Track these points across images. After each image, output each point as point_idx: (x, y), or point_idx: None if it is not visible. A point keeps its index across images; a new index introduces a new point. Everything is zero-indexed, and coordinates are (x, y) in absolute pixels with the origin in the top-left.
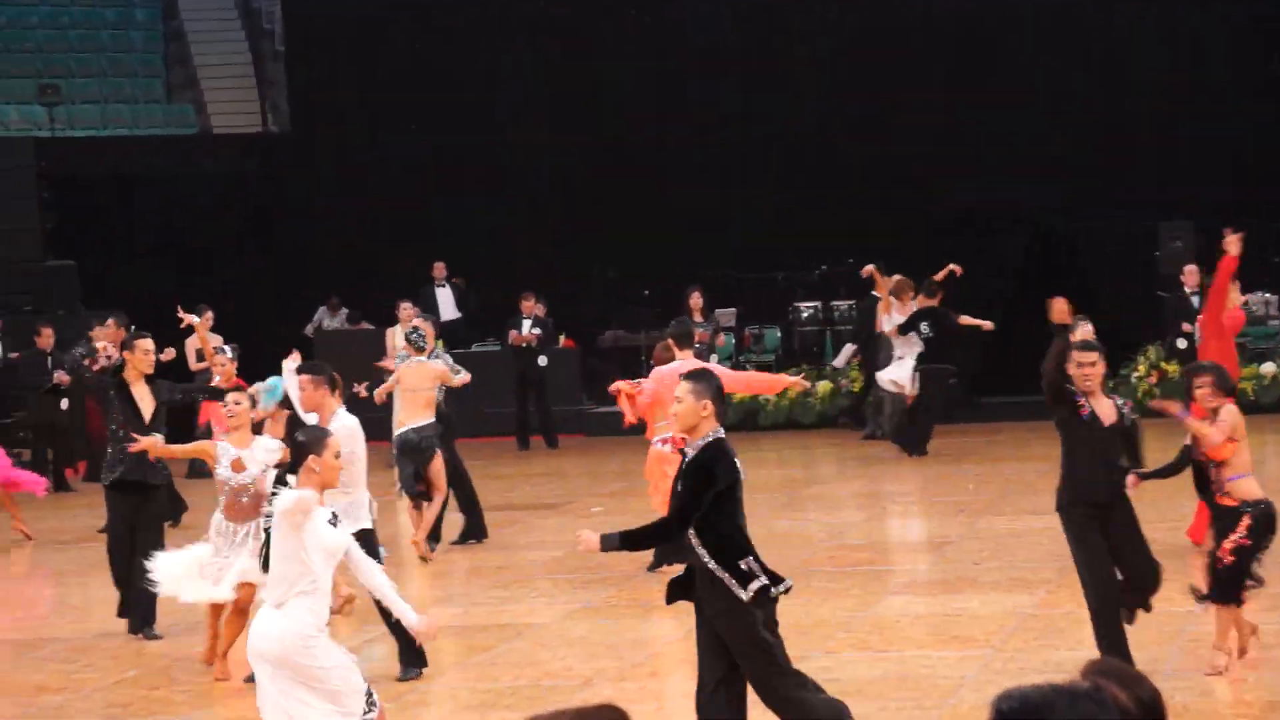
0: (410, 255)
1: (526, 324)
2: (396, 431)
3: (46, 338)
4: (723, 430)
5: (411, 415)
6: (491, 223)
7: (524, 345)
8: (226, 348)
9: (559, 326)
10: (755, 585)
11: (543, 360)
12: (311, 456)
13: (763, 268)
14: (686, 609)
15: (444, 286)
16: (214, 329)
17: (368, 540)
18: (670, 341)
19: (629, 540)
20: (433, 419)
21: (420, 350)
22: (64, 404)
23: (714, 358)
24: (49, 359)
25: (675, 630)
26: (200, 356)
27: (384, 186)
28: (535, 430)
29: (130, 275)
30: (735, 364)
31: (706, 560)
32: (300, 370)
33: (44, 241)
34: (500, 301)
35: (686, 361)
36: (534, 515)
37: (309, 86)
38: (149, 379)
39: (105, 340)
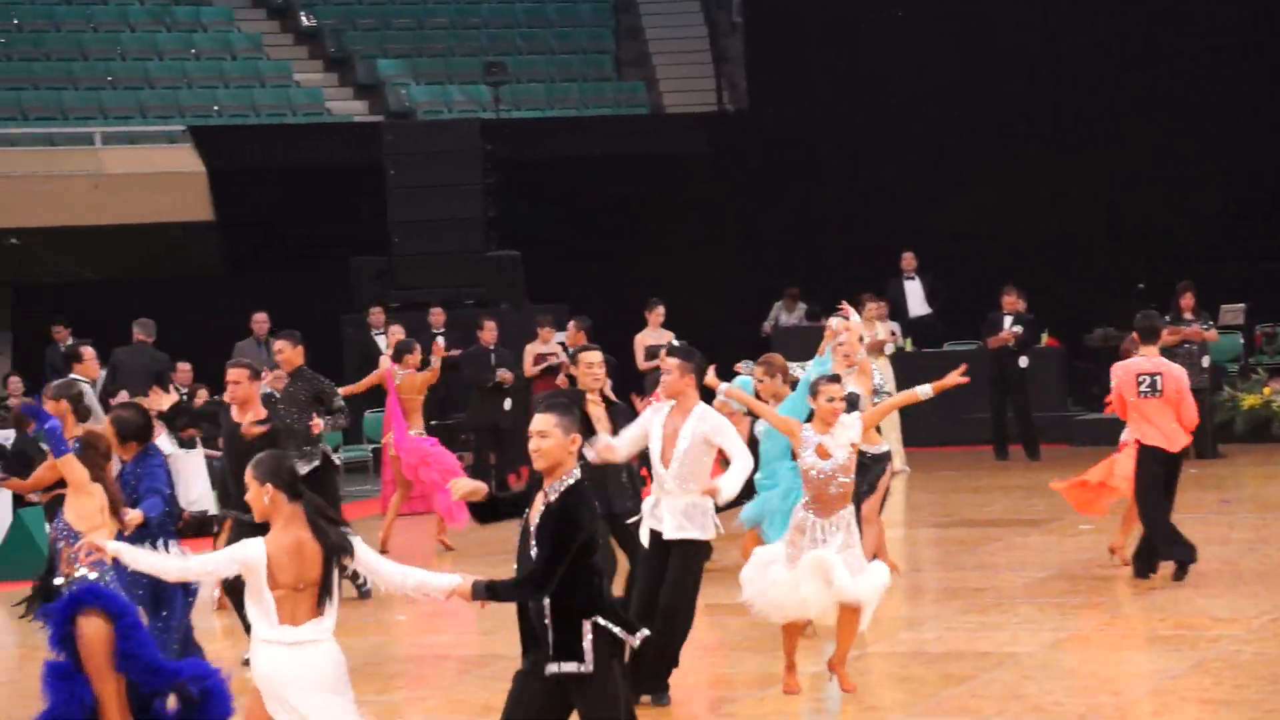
0: (877, 244)
1: (1007, 321)
2: None
3: (489, 332)
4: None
5: None
6: (967, 209)
7: (1003, 345)
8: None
9: (1042, 323)
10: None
11: (1023, 361)
12: None
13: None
14: (1198, 640)
15: (913, 279)
16: (664, 324)
17: None
18: (1135, 336)
19: (494, 592)
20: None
21: None
22: (507, 404)
23: (1205, 359)
24: (492, 355)
25: (1180, 663)
26: (649, 355)
27: (849, 171)
28: (1014, 438)
29: (575, 266)
30: (1244, 366)
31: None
32: (670, 352)
33: (487, 230)
34: (976, 295)
35: (1147, 359)
36: (1013, 532)
37: (769, 63)
38: (608, 402)
39: (569, 342)
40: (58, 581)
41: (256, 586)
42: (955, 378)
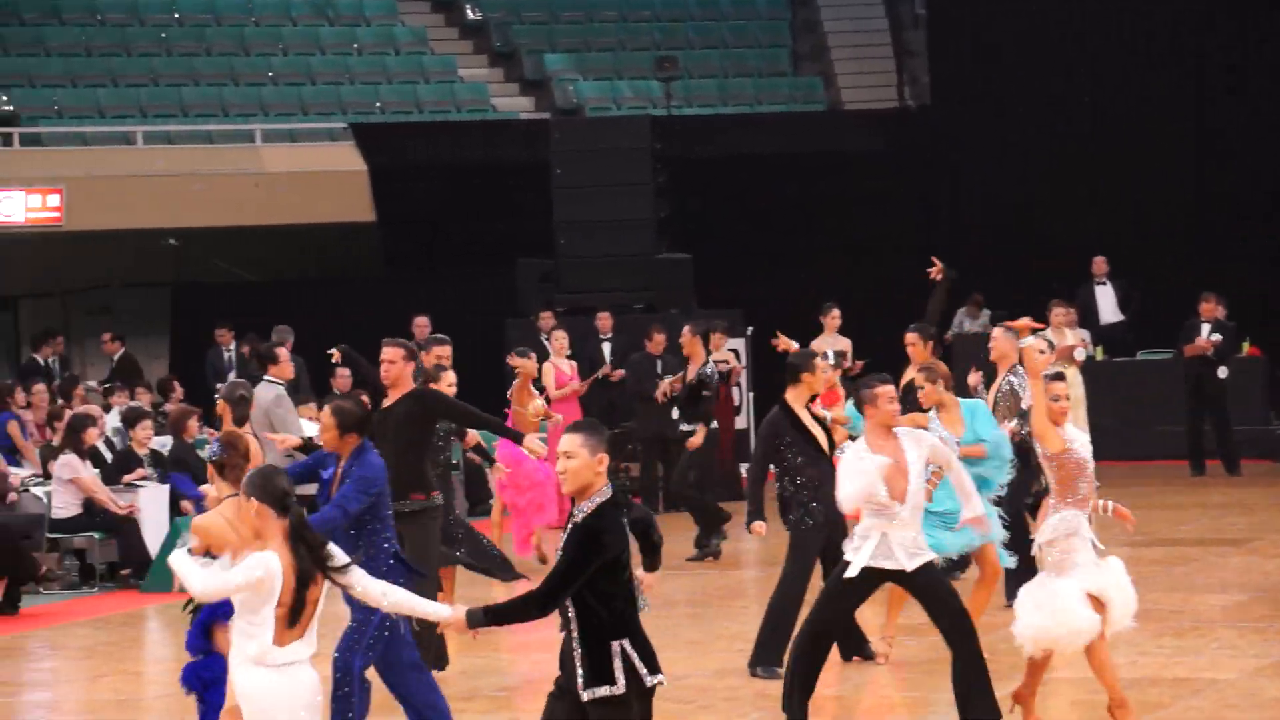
0: (1066, 248)
1: (1205, 328)
2: None
3: (658, 343)
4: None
5: None
6: (1163, 211)
7: (1200, 354)
8: (830, 351)
9: (1243, 331)
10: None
11: (1222, 371)
12: None
13: None
14: None
15: (1105, 284)
16: (839, 330)
17: None
18: None
19: (493, 616)
20: None
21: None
22: (675, 414)
23: None
24: (659, 363)
25: None
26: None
27: (1036, 170)
28: (1211, 453)
29: (748, 269)
30: None
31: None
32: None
33: (656, 231)
34: (1172, 302)
35: None
36: (1212, 553)
37: (954, 57)
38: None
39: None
40: None
41: (258, 603)
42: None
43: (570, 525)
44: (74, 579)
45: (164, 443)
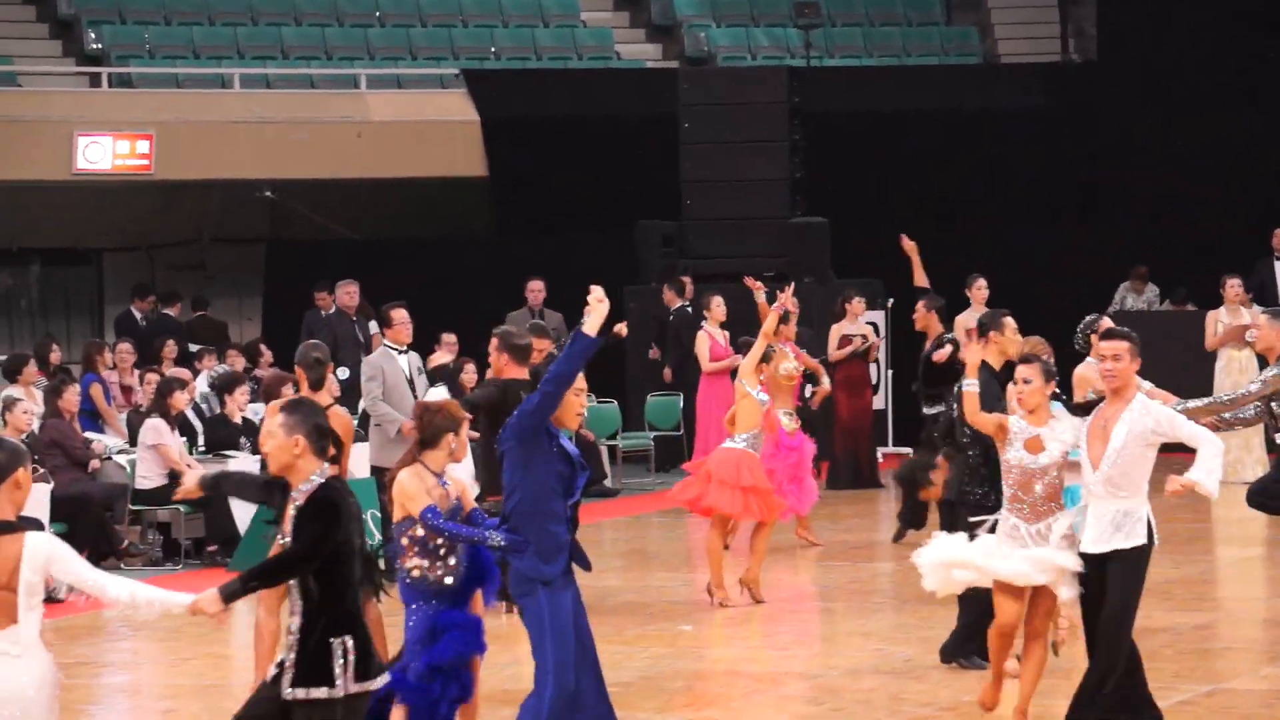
0: (1242, 217)
1: None
2: None
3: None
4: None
5: None
6: None
7: None
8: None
9: None
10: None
11: None
12: None
13: None
14: None
15: None
16: (988, 303)
17: None
18: None
19: (252, 579)
20: None
21: None
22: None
23: None
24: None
25: None
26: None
27: (1212, 132)
28: None
29: (889, 235)
30: None
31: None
32: (1111, 334)
33: (792, 193)
34: None
35: None
36: None
37: (1125, 8)
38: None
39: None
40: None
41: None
42: None
43: (295, 512)
44: (157, 555)
45: (257, 411)
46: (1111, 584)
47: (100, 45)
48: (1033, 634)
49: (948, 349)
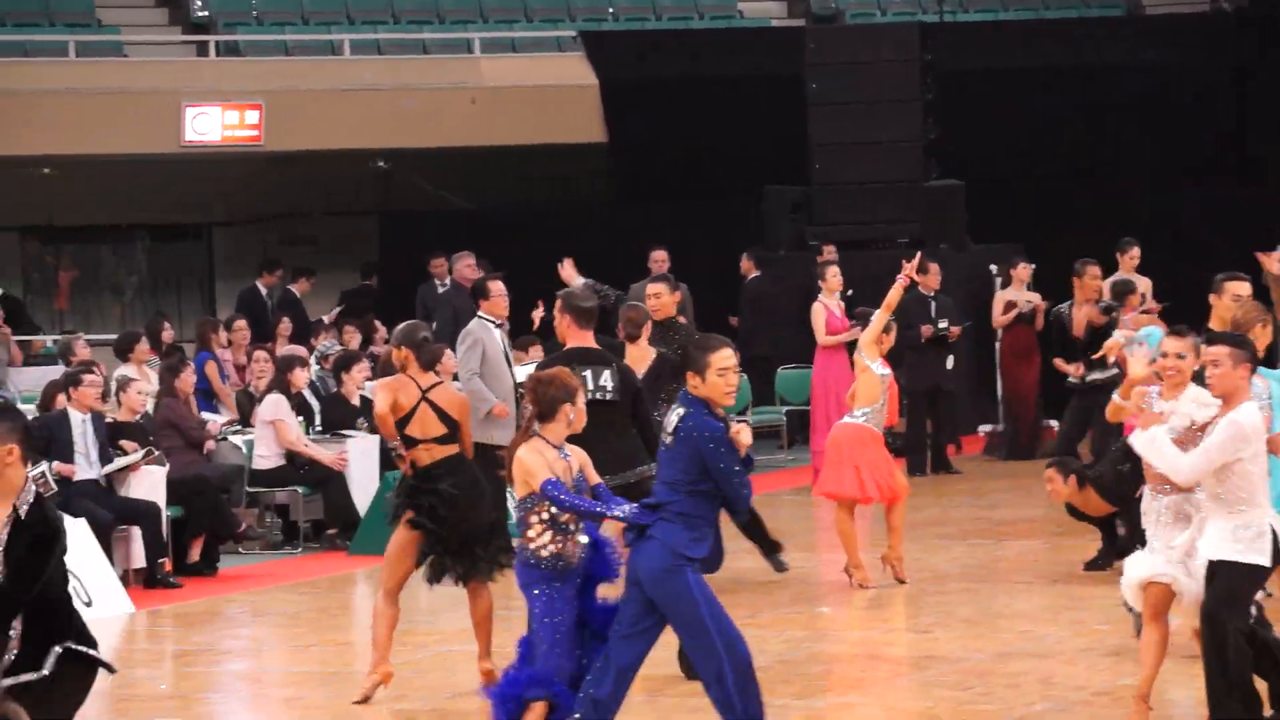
0: None
1: None
2: None
3: (933, 277)
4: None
5: None
6: None
7: None
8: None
9: None
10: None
11: None
12: None
13: None
14: None
15: None
16: (1138, 269)
17: None
18: None
19: None
20: None
21: None
22: (949, 362)
23: None
24: (932, 304)
25: None
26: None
27: None
28: None
29: (1026, 198)
30: None
31: None
32: (1216, 339)
33: (925, 156)
34: None
35: None
36: None
37: None
38: None
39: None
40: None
41: None
42: None
43: (11, 523)
44: (277, 538)
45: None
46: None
47: (207, 13)
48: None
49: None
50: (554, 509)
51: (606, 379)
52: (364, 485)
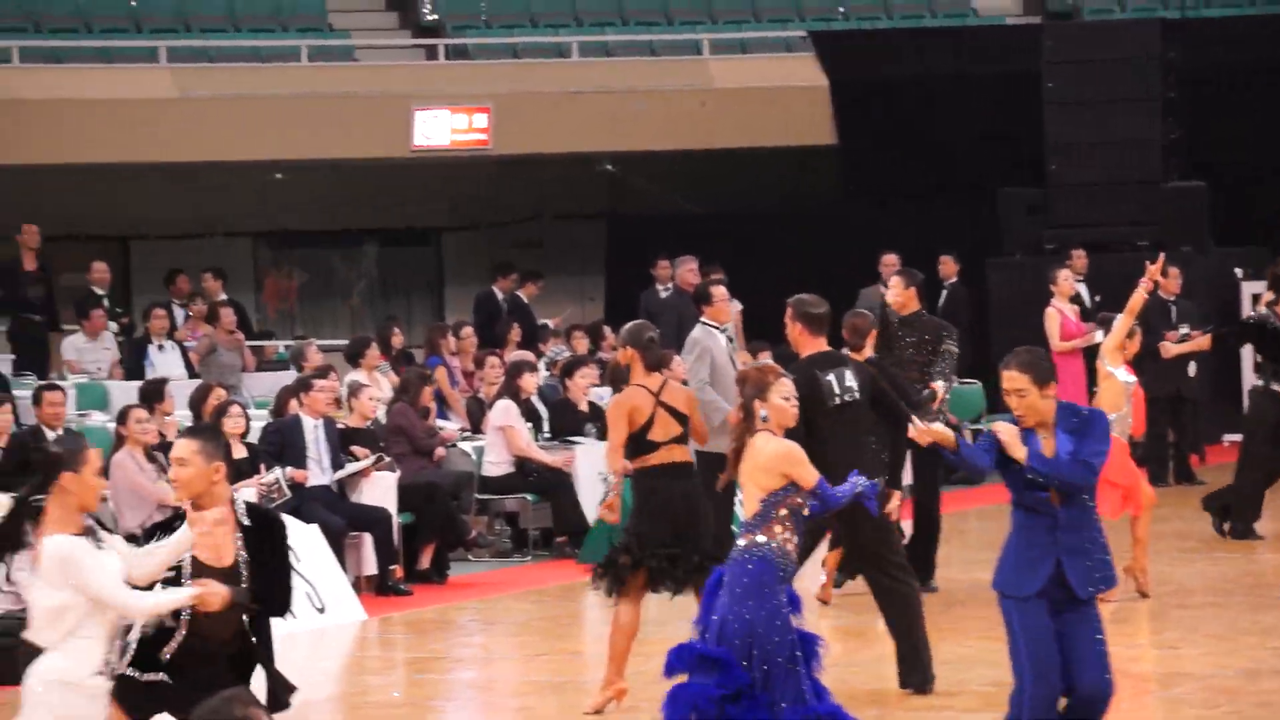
0: None
1: None
2: None
3: (1173, 280)
4: None
5: None
6: None
7: None
8: None
9: None
10: None
11: None
12: None
13: None
14: None
15: None
16: None
17: None
18: None
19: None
20: None
21: None
22: (1191, 369)
23: None
24: (1173, 309)
25: None
26: None
27: None
28: None
29: (1272, 200)
30: None
31: None
32: None
33: (1166, 156)
34: None
35: None
36: None
37: None
38: None
39: None
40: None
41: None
42: None
43: (242, 535)
44: (505, 545)
45: (602, 395)
46: None
47: (436, 16)
48: None
49: None
50: (799, 501)
51: (850, 379)
52: (592, 493)
